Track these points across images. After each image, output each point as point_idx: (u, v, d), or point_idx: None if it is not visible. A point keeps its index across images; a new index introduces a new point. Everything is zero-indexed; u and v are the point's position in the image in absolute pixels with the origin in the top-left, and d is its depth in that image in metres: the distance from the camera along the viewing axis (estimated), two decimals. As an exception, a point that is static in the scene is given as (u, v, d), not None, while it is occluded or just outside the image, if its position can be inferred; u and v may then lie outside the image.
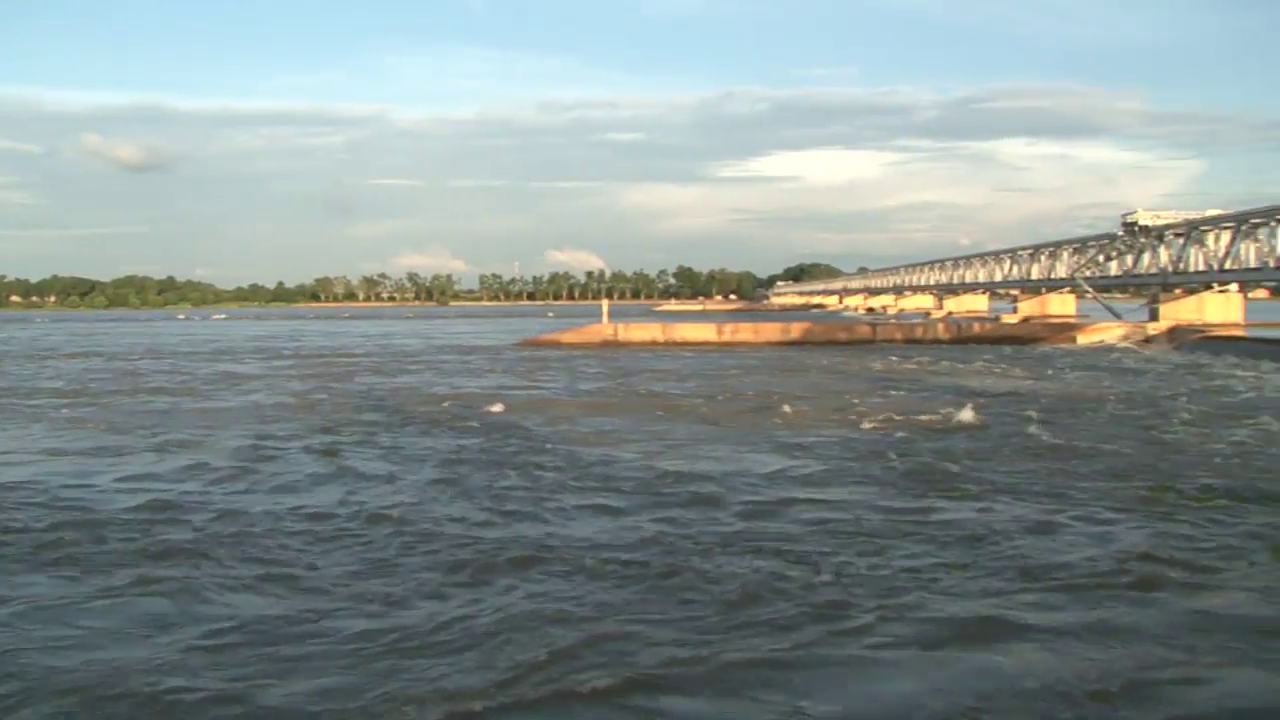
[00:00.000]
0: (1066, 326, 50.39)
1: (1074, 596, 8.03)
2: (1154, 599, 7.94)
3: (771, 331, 49.29)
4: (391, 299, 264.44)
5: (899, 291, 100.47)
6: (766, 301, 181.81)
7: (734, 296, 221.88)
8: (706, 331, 49.19)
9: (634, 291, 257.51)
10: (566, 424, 19.35)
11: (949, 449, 15.46)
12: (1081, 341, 45.30)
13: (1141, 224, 45.98)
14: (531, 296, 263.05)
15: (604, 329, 48.18)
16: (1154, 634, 7.16)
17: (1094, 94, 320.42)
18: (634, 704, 6.21)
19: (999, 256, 68.51)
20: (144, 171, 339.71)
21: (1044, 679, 6.38)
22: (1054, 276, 57.16)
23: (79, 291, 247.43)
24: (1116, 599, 7.93)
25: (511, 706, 6.14)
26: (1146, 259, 46.77)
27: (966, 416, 18.75)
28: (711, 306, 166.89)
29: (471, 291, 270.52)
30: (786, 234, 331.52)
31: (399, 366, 36.80)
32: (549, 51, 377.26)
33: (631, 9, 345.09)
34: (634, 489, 12.67)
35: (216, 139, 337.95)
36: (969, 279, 75.45)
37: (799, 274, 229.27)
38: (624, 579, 8.64)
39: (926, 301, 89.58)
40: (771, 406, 21.49)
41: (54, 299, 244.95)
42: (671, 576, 8.64)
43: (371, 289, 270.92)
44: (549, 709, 6.16)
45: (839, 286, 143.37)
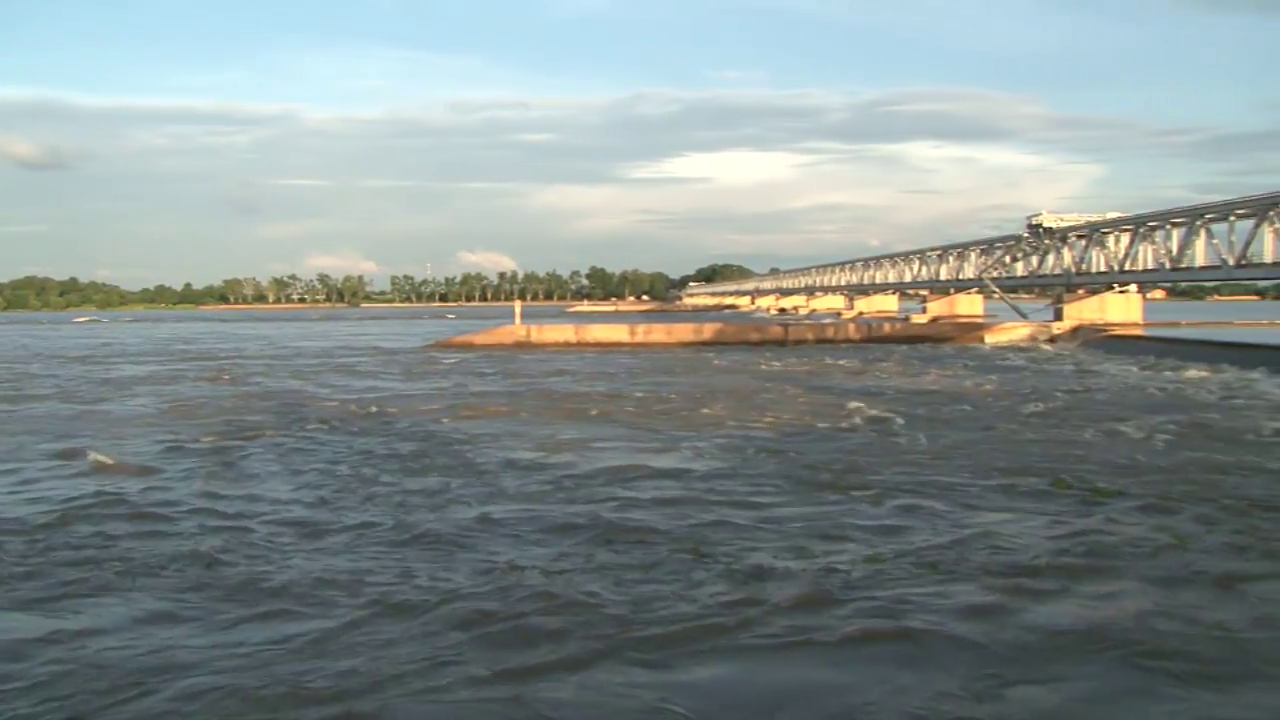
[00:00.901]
0: (974, 326, 51.18)
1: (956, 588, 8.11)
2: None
3: (684, 332, 49.22)
4: (302, 301, 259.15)
5: (810, 292, 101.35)
6: (679, 302, 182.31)
7: (647, 297, 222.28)
8: (619, 333, 49.12)
9: (547, 293, 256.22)
10: (440, 423, 19.20)
11: (842, 447, 15.68)
12: (989, 341, 46.01)
13: (1045, 226, 46.80)
14: (444, 298, 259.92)
15: (517, 331, 47.92)
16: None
17: (997, 99, 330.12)
18: (506, 694, 6.20)
19: (908, 257, 69.41)
20: (43, 169, 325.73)
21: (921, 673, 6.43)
22: (962, 277, 58.05)
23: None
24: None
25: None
26: (1051, 260, 47.68)
27: (862, 415, 19.24)
28: (624, 307, 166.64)
29: (383, 293, 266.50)
30: (699, 235, 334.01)
31: (293, 370, 35.54)
32: (459, 52, 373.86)
33: (539, 10, 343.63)
34: (492, 486, 12.69)
35: (119, 137, 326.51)
36: (879, 280, 76.34)
37: (711, 275, 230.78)
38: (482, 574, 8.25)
39: (838, 302, 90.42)
40: (670, 404, 21.50)
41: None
42: (549, 575, 8.58)
43: (281, 290, 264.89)
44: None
45: (751, 287, 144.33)
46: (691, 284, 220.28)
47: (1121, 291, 44.02)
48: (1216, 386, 24.43)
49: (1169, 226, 38.09)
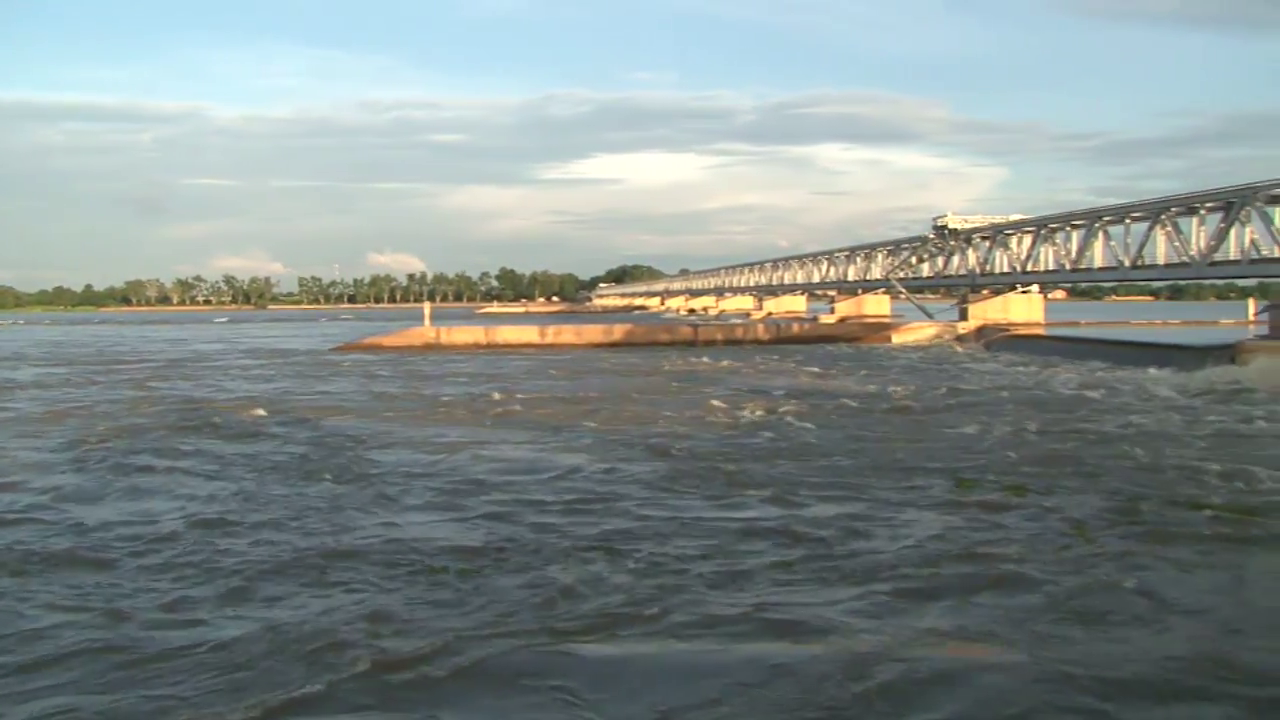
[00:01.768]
0: (882, 326, 51.80)
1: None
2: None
3: (594, 333, 48.88)
4: (207, 302, 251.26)
5: (720, 293, 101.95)
6: (589, 303, 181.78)
7: (557, 298, 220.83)
8: (529, 334, 48.71)
9: (456, 294, 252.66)
10: (328, 426, 18.85)
11: (741, 446, 15.74)
12: (896, 341, 46.55)
13: (950, 227, 47.68)
14: (352, 299, 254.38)
15: (426, 332, 47.21)
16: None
17: (904, 102, 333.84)
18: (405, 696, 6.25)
19: (817, 258, 70.15)
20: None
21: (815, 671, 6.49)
22: (869, 278, 58.82)
23: None
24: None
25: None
26: (956, 261, 48.56)
27: (758, 415, 19.39)
28: (534, 309, 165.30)
29: (291, 295, 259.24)
30: (609, 236, 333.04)
31: (187, 373, 34.12)
32: (369, 51, 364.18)
33: (451, 9, 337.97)
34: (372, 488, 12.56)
35: (16, 133, 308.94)
36: (788, 280, 77.05)
37: (621, 275, 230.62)
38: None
39: (747, 303, 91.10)
40: (576, 406, 21.35)
41: None
42: (438, 573, 8.72)
43: (186, 292, 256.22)
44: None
45: (661, 288, 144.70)
46: (602, 285, 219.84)
47: (1024, 292, 45.07)
48: (1114, 382, 25.13)
49: (1069, 229, 39.09)
